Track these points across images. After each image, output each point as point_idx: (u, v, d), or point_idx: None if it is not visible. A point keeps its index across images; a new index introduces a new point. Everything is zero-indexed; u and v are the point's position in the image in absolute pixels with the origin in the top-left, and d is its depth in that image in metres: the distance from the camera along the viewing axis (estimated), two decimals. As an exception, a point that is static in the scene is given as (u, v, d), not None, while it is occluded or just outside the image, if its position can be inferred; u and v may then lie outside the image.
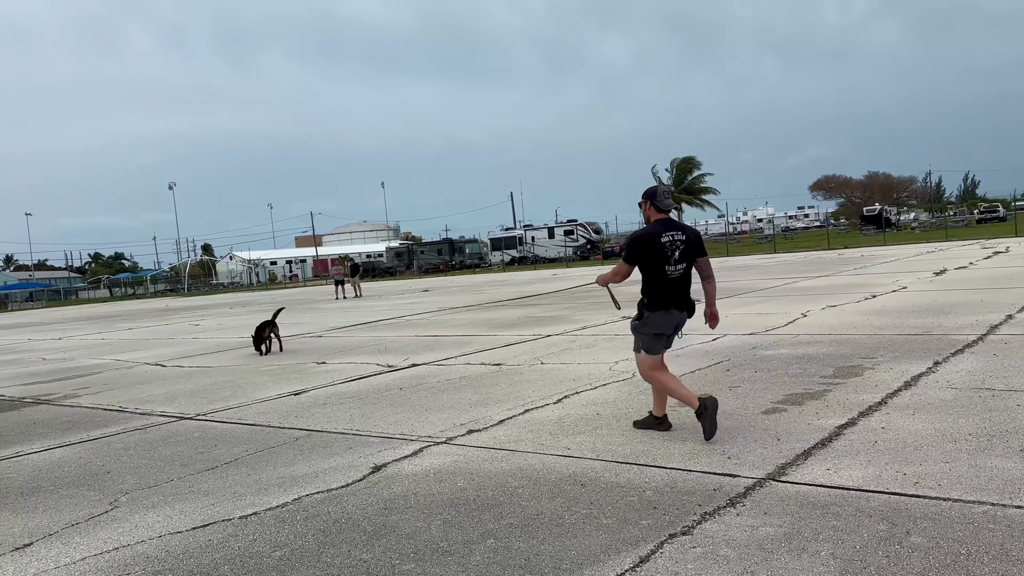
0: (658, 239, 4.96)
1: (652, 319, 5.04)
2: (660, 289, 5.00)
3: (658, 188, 5.18)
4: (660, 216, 5.10)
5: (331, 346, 12.61)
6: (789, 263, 28.73)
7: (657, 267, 4.97)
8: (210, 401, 8.19)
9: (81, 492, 5.02)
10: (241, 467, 5.30)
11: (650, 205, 5.13)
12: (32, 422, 7.83)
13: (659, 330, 5.07)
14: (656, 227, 5.04)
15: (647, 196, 5.15)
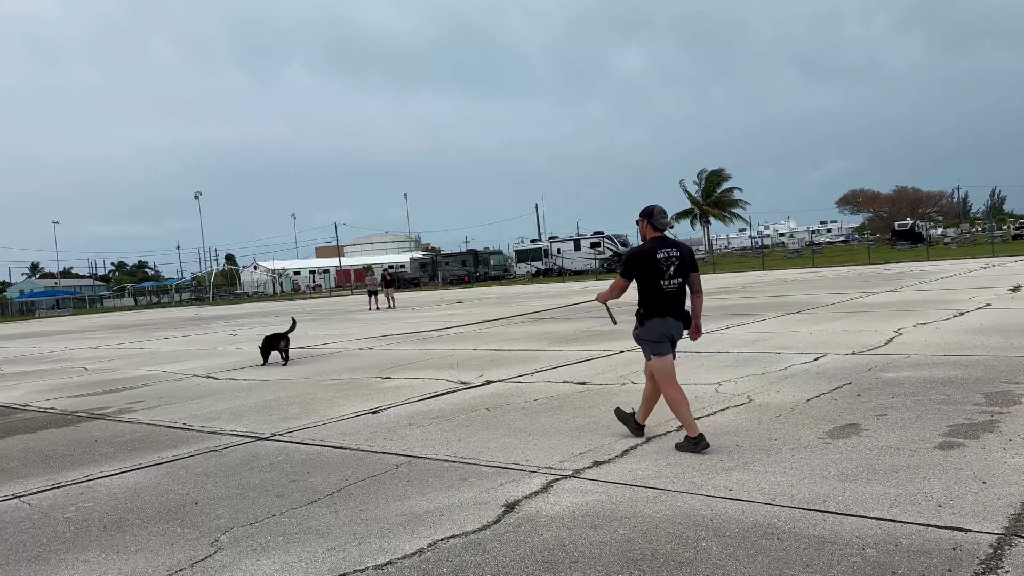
0: (654, 255, 5.26)
1: (651, 324, 5.32)
2: (657, 301, 5.28)
3: (655, 208, 5.40)
4: (656, 234, 5.37)
5: (388, 360, 12.03)
6: (836, 278, 27.86)
7: (653, 281, 5.26)
8: (281, 419, 7.62)
9: (172, 528, 4.44)
10: (348, 500, 4.69)
11: (647, 223, 5.39)
12: (93, 439, 7.29)
13: (661, 332, 5.34)
14: (652, 244, 5.33)
15: (644, 215, 5.41)
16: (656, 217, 5.37)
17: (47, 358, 18.26)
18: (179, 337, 22.32)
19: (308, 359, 13.14)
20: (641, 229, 5.46)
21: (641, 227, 5.45)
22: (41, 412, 9.36)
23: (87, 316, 61.19)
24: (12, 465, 6.42)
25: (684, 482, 4.53)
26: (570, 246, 65.77)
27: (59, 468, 6.18)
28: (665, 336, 5.36)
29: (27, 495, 5.41)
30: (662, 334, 5.34)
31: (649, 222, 5.38)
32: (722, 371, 8.42)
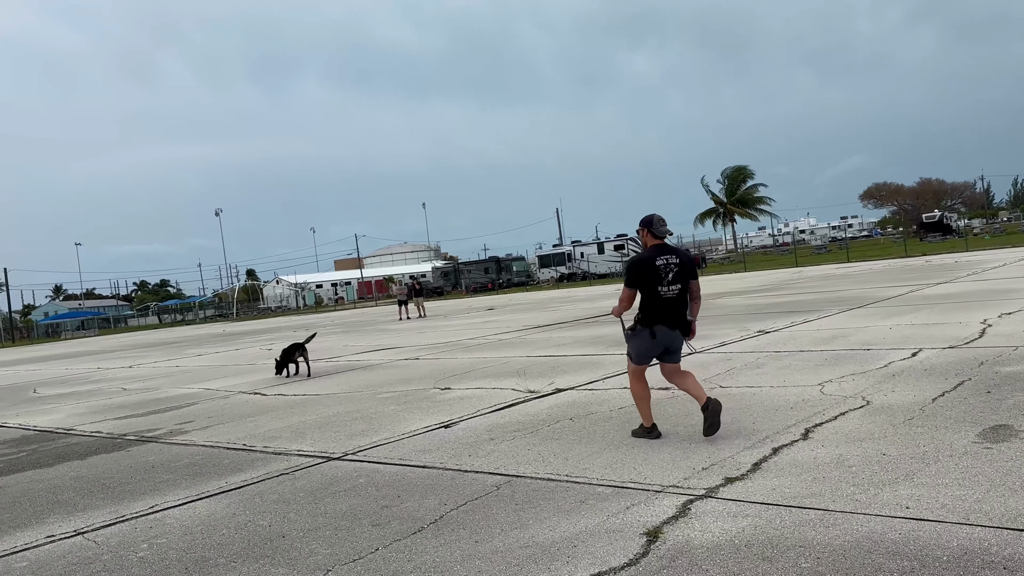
0: (653, 262, 5.41)
1: (642, 335, 5.53)
2: (654, 307, 5.44)
3: (654, 217, 5.55)
4: (656, 242, 5.54)
5: (441, 369, 11.50)
6: (879, 272, 27.04)
7: (652, 288, 5.41)
8: (348, 436, 7.10)
9: (265, 569, 3.91)
10: (456, 528, 4.15)
11: (647, 232, 5.56)
12: (149, 465, 6.81)
13: (649, 349, 5.57)
14: (652, 252, 5.49)
15: (644, 224, 5.58)
16: (655, 226, 5.52)
17: (82, 379, 17.92)
18: (212, 353, 21.94)
19: (354, 370, 12.64)
20: (642, 238, 5.61)
21: (642, 236, 5.61)
22: (87, 436, 8.91)
23: (113, 336, 61.28)
24: (68, 496, 5.94)
25: (846, 499, 3.94)
26: (593, 249, 65.13)
27: (119, 499, 5.68)
28: (655, 350, 5.58)
29: (90, 531, 4.91)
30: (650, 350, 5.57)
31: (649, 231, 5.54)
32: (816, 371, 7.80)
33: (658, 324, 5.44)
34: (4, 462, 7.77)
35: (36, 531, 5.03)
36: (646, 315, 5.47)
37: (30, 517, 5.41)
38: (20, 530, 5.10)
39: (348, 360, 14.82)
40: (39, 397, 14.59)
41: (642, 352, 5.60)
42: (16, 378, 21.06)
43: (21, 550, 4.65)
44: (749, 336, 11.39)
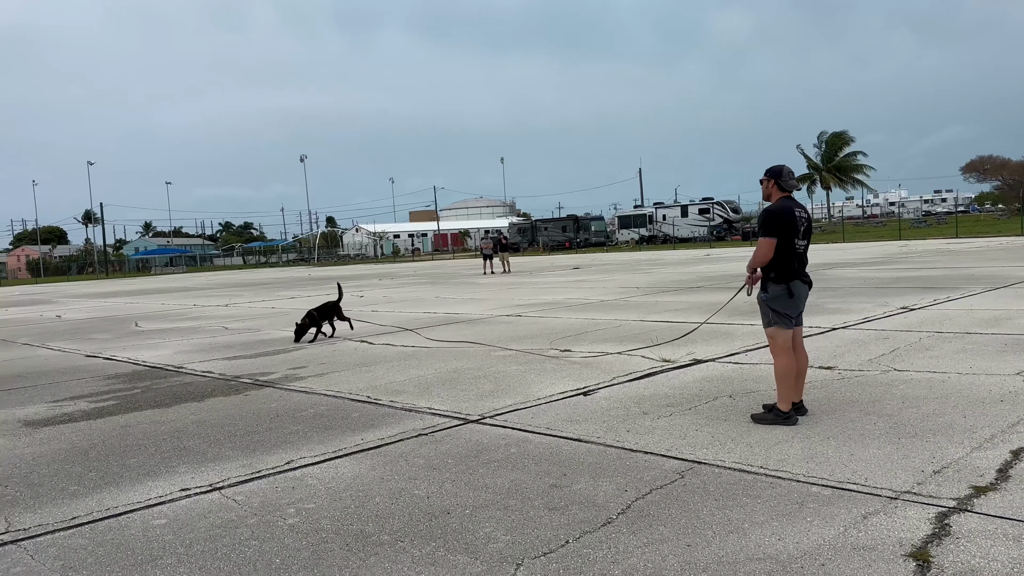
0: (792, 213, 5.07)
1: (780, 292, 5.09)
2: (789, 261, 5.07)
3: (783, 168, 5.21)
4: (783, 195, 5.18)
5: (551, 329, 10.90)
6: (1000, 248, 25.02)
7: (789, 240, 5.05)
8: (477, 396, 6.58)
9: (439, 553, 3.38)
10: (655, 525, 3.53)
11: (774, 184, 5.20)
12: (273, 413, 6.44)
13: (791, 303, 5.11)
14: (786, 203, 5.14)
15: (772, 175, 5.21)
16: (784, 177, 5.19)
17: (180, 315, 18.10)
18: (304, 297, 21.95)
19: (455, 324, 12.17)
20: (765, 189, 5.27)
21: (766, 187, 5.26)
22: (200, 376, 8.68)
23: (201, 274, 63.15)
24: (194, 443, 5.59)
25: None
26: (676, 212, 63.26)
27: (250, 450, 5.30)
28: (795, 309, 5.16)
29: (227, 486, 4.51)
30: (790, 310, 5.13)
31: (776, 182, 5.19)
32: (1001, 357, 6.86)
33: (794, 280, 5.07)
34: (121, 398, 7.57)
35: (168, 482, 4.66)
36: (782, 270, 5.06)
37: (158, 464, 5.07)
38: (151, 478, 4.75)
39: (446, 313, 14.39)
40: (142, 331, 14.69)
41: (787, 311, 5.13)
42: (116, 310, 21.55)
43: (156, 503, 4.28)
44: (893, 312, 10.37)
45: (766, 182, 5.26)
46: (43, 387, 8.58)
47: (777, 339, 5.18)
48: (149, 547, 3.64)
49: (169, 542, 3.69)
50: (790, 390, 5.13)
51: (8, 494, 4.60)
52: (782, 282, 5.07)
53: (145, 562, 3.47)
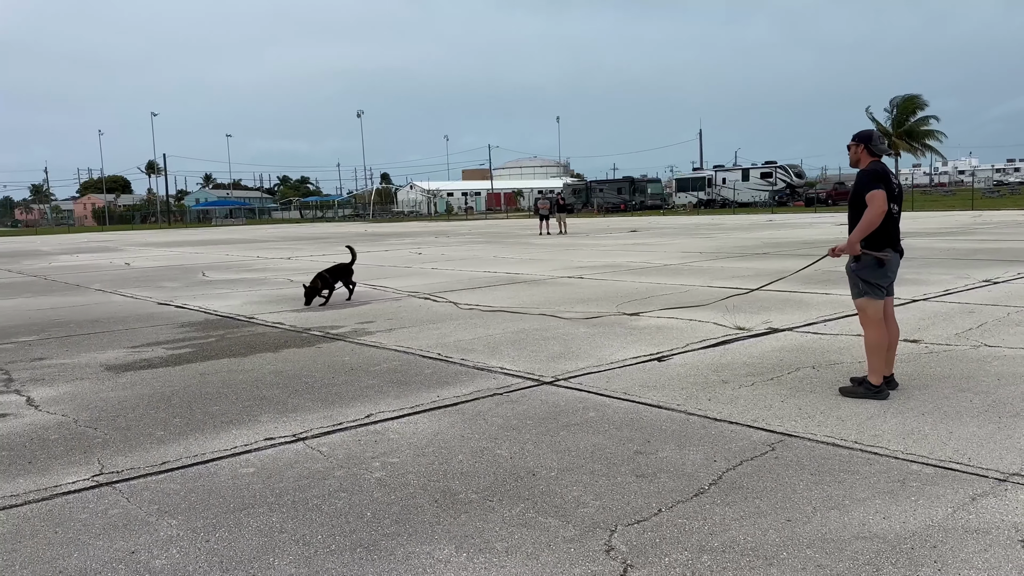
0: (888, 176, 4.87)
1: (871, 261, 4.88)
2: (885, 228, 4.85)
3: (873, 132, 5.03)
4: (872, 159, 4.96)
5: (615, 292, 10.76)
6: (1086, 224, 23.79)
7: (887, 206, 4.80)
8: (548, 358, 6.52)
9: (528, 514, 3.35)
10: (750, 498, 3.42)
11: (864, 148, 4.97)
12: (347, 366, 6.49)
13: (879, 273, 4.90)
14: (881, 166, 4.94)
15: (862, 139, 4.99)
16: (875, 142, 4.97)
17: (245, 267, 18.45)
18: (364, 252, 22.12)
19: (517, 284, 12.12)
20: (853, 155, 5.01)
21: (854, 153, 5.00)
22: (271, 327, 8.82)
23: (260, 226, 64.39)
24: (273, 393, 5.67)
25: None
26: (737, 176, 61.79)
27: (329, 402, 5.34)
28: (886, 279, 4.94)
29: (310, 437, 4.56)
30: (884, 279, 4.92)
31: (867, 147, 4.96)
32: (1103, 338, 6.50)
33: (887, 248, 4.87)
34: (197, 346, 7.73)
35: (252, 430, 4.74)
36: (876, 238, 4.83)
37: (241, 413, 5.16)
38: (235, 427, 4.83)
39: (506, 273, 14.34)
40: (209, 281, 15.02)
41: (879, 281, 4.92)
42: (183, 260, 22.10)
43: (243, 452, 4.34)
44: (975, 285, 9.94)
45: (855, 147, 5.01)
46: (120, 333, 8.83)
47: (868, 311, 4.99)
48: (239, 495, 3.69)
49: (259, 491, 3.74)
50: (881, 363, 4.95)
51: (98, 436, 4.73)
52: (874, 249, 4.85)
53: (237, 509, 3.52)
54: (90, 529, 3.34)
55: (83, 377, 6.43)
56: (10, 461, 4.30)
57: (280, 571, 2.92)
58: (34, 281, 16.60)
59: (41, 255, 27.84)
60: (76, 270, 19.49)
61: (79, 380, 6.32)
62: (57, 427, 4.94)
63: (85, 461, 4.26)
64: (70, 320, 9.99)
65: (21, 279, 17.32)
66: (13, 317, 10.53)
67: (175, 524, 3.37)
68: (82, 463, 4.22)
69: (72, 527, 3.37)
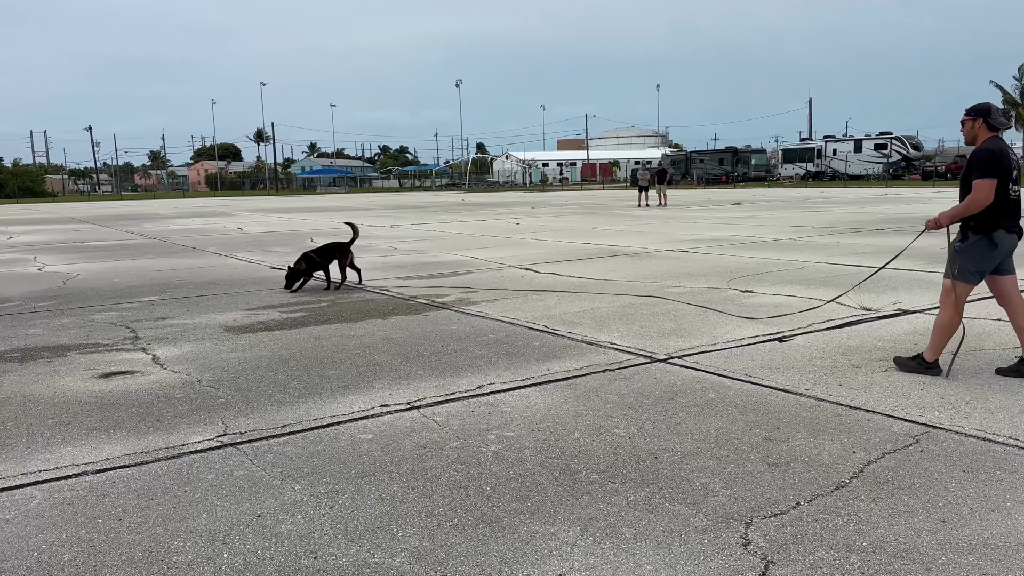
0: (1007, 156, 4.62)
1: (979, 244, 4.66)
2: (999, 209, 4.59)
3: (991, 106, 4.77)
4: (992, 134, 4.71)
5: (723, 267, 10.36)
6: None
7: (1003, 185, 4.59)
8: (659, 334, 6.30)
9: (654, 500, 3.20)
10: (897, 495, 3.15)
11: (982, 123, 4.71)
12: (454, 335, 6.47)
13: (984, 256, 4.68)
14: (997, 143, 4.68)
15: (979, 112, 4.73)
16: (994, 115, 4.70)
17: (349, 233, 18.86)
18: (462, 222, 22.31)
19: (618, 257, 11.86)
20: (970, 130, 4.75)
21: (970, 128, 4.75)
22: (378, 294, 8.94)
23: (362, 195, 66.02)
24: (385, 360, 5.70)
25: None
26: (849, 147, 58.78)
27: (439, 371, 5.33)
28: (988, 268, 4.73)
29: (424, 406, 4.54)
30: (987, 263, 4.70)
31: (985, 121, 4.69)
32: None
33: (999, 230, 4.62)
34: (309, 311, 7.91)
35: (367, 396, 4.76)
36: (987, 218, 4.60)
37: (356, 378, 5.20)
38: (351, 392, 4.87)
39: (607, 245, 14.08)
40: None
41: (979, 267, 4.73)
42: (291, 225, 22.84)
43: (360, 417, 4.36)
44: None
45: (971, 122, 4.76)
46: (236, 295, 9.14)
47: (954, 292, 4.79)
48: (360, 461, 3.70)
49: (378, 458, 3.73)
50: (943, 345, 4.87)
51: (221, 397, 4.86)
52: (983, 231, 4.62)
53: (358, 476, 3.52)
54: (217, 490, 3.41)
55: (204, 337, 6.67)
56: (140, 418, 4.47)
57: (403, 543, 2.88)
58: (154, 243, 17.50)
59: (159, 219, 29.40)
60: (192, 233, 20.44)
61: (200, 340, 6.55)
62: (182, 386, 5.12)
63: (209, 421, 4.38)
64: (189, 281, 10.43)
65: (142, 241, 18.31)
66: (136, 277, 11.09)
67: (298, 489, 3.40)
68: (207, 423, 4.34)
69: (200, 487, 3.45)
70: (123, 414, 4.54)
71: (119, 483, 3.51)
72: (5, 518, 3.19)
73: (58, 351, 6.27)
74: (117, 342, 6.58)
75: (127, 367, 5.69)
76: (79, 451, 3.94)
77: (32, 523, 3.13)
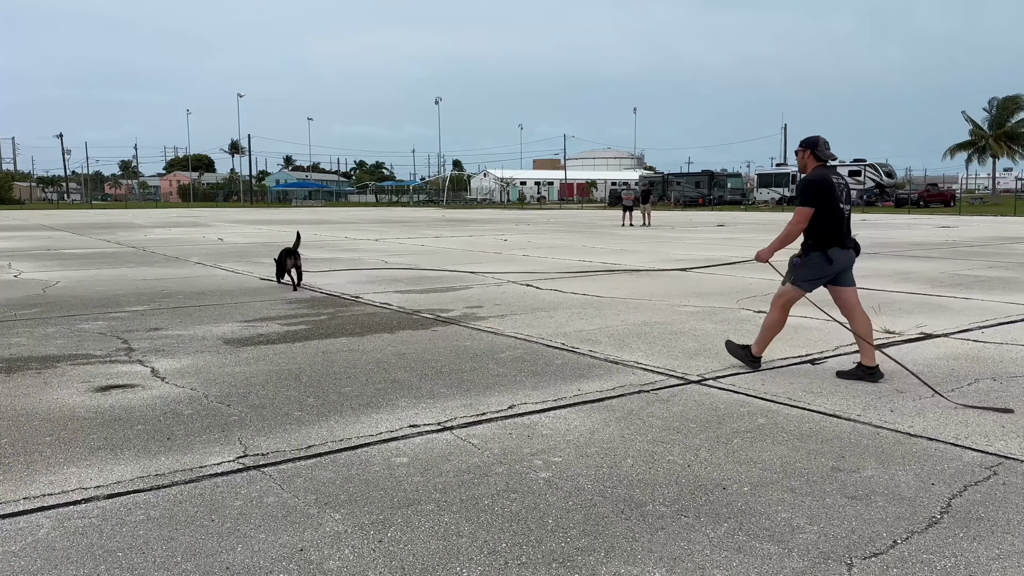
0: (831, 180, 5.19)
1: (816, 260, 5.17)
2: (832, 228, 5.14)
3: (819, 138, 5.32)
4: (818, 164, 5.30)
5: (728, 287, 10.18)
6: None
7: (832, 206, 5.13)
8: (685, 354, 6.05)
9: (736, 537, 2.92)
10: (996, 532, 2.92)
11: (810, 154, 5.32)
12: (470, 352, 6.17)
13: (819, 271, 5.20)
14: (823, 171, 5.25)
15: (808, 145, 5.33)
16: (821, 148, 5.29)
17: (336, 246, 18.48)
18: (449, 237, 22.02)
19: (617, 274, 11.64)
20: (801, 159, 5.37)
21: (801, 158, 5.37)
22: (379, 307, 8.60)
23: (339, 208, 65.37)
24: (402, 376, 5.38)
25: None
26: (824, 174, 59.41)
27: (464, 389, 5.01)
28: (823, 279, 5.27)
29: (457, 427, 4.23)
30: (822, 276, 5.24)
31: (813, 152, 5.31)
32: None
33: (834, 247, 5.15)
34: (311, 323, 7.54)
35: (393, 415, 4.44)
36: (822, 238, 5.15)
37: (376, 395, 4.87)
38: (374, 410, 4.54)
39: (602, 262, 13.88)
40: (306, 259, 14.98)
41: (812, 278, 5.26)
42: (272, 237, 22.35)
43: (390, 438, 4.04)
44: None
45: (802, 153, 5.37)
46: (230, 306, 8.75)
47: (785, 297, 5.36)
48: (400, 487, 3.38)
49: (420, 484, 3.41)
50: (768, 342, 5.50)
51: (234, 414, 4.51)
52: (820, 249, 5.15)
53: (403, 505, 3.20)
54: (248, 519, 3.07)
55: (203, 350, 6.29)
56: (148, 436, 4.11)
57: (470, 584, 2.57)
58: (134, 252, 16.95)
59: (135, 228, 28.69)
60: (172, 243, 19.89)
61: (200, 353, 6.17)
62: (188, 402, 4.75)
63: (225, 440, 4.03)
64: (177, 291, 10.00)
65: (121, 250, 17.74)
66: (120, 286, 10.63)
67: (339, 519, 3.07)
68: (222, 442, 3.99)
69: (228, 515, 3.11)
70: (128, 431, 4.17)
71: (136, 510, 3.16)
72: (11, 550, 2.82)
73: (47, 362, 5.86)
74: (110, 353, 6.17)
75: (125, 380, 5.30)
76: (85, 472, 3.57)
77: (42, 556, 2.77)
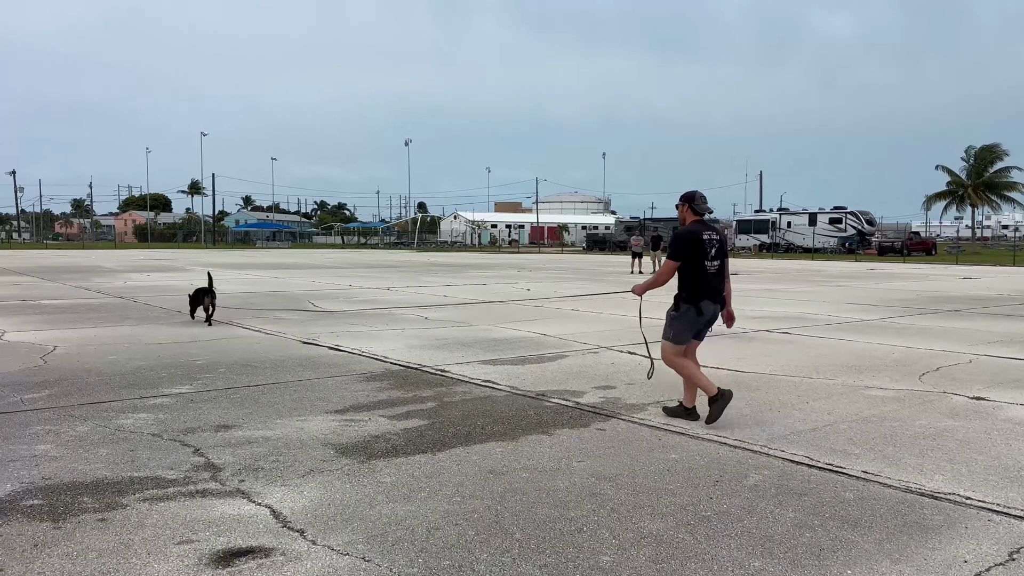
0: (700, 236, 5.41)
1: (688, 313, 5.40)
2: (700, 282, 5.36)
3: (696, 193, 5.58)
4: (696, 218, 5.55)
5: (877, 355, 8.64)
6: None
7: (698, 262, 5.36)
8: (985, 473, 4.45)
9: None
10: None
11: (687, 207, 5.57)
12: (698, 474, 4.45)
13: (694, 324, 5.45)
14: (696, 226, 5.49)
15: (686, 199, 5.60)
16: (697, 202, 5.53)
17: (349, 296, 16.58)
18: (461, 285, 20.27)
19: (724, 338, 10.04)
20: (681, 213, 5.61)
21: (681, 211, 5.60)
22: (487, 387, 6.83)
23: (309, 250, 63.07)
24: (658, 529, 3.63)
25: None
26: (804, 220, 59.49)
27: (779, 559, 3.30)
28: (694, 332, 5.49)
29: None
30: (693, 328, 5.46)
31: (690, 206, 5.55)
32: None
33: (704, 300, 5.37)
34: (423, 415, 5.73)
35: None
36: (692, 291, 5.38)
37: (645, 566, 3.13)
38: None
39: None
40: (329, 313, 13.11)
41: (686, 331, 5.47)
42: (266, 284, 20.34)
43: None
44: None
45: (681, 206, 5.60)
46: (296, 385, 6.89)
47: (667, 351, 5.52)
48: None
49: None
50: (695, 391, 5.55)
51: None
52: (691, 302, 5.36)
53: None
54: None
55: (319, 468, 4.46)
56: None
57: None
58: (123, 304, 14.84)
59: (107, 272, 26.28)
60: (159, 291, 17.77)
61: (320, 474, 4.35)
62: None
63: None
64: (211, 361, 8.08)
65: (107, 300, 15.58)
66: (136, 352, 8.66)
67: None
68: None
69: None
70: None
71: None
72: None
73: (105, 496, 3.97)
74: (189, 475, 4.31)
75: (245, 537, 3.46)
76: None
77: None
